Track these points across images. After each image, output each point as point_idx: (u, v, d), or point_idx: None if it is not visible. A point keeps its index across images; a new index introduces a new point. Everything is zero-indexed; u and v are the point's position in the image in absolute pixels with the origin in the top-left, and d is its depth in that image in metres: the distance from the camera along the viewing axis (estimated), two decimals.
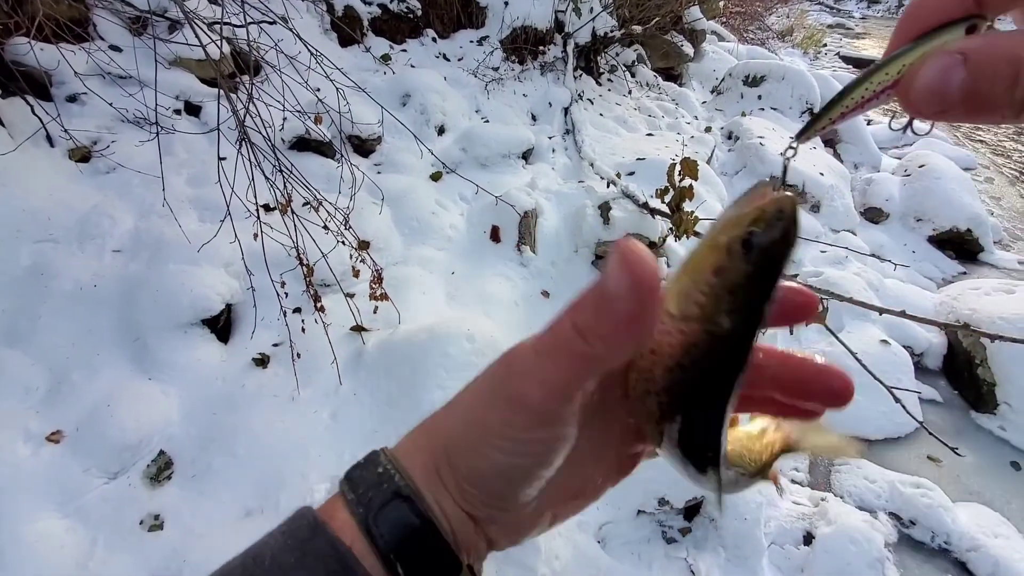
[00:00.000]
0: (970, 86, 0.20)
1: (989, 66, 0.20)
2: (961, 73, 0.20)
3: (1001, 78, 0.19)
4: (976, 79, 0.20)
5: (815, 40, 12.11)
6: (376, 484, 0.30)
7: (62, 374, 1.86)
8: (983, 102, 0.20)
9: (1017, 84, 0.19)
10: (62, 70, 2.31)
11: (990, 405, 2.91)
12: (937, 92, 0.20)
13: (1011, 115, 0.20)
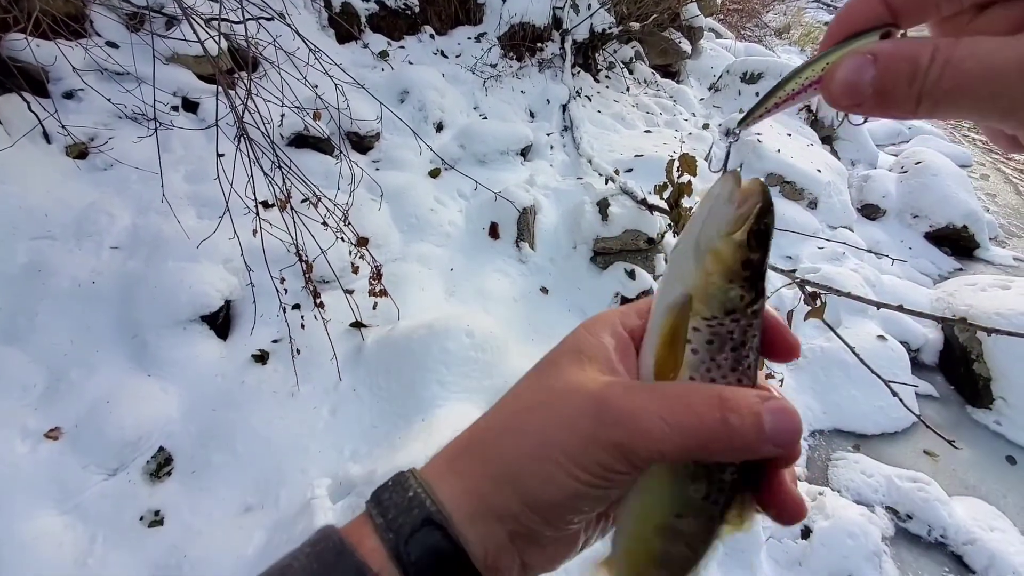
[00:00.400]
0: (878, 82, 0.23)
1: (893, 65, 0.23)
2: (871, 71, 0.23)
3: (902, 75, 0.23)
4: (883, 76, 0.23)
5: (812, 37, 12.12)
6: (407, 509, 0.30)
7: (60, 371, 1.85)
8: (888, 96, 0.23)
9: (915, 79, 0.23)
10: (59, 66, 2.30)
11: (986, 400, 2.93)
12: (852, 86, 0.24)
13: (910, 108, 0.23)
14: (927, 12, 0.26)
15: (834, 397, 2.86)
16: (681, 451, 0.29)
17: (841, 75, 0.24)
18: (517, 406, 0.33)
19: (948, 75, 0.22)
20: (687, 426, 0.28)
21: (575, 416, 0.30)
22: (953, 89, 0.22)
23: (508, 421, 0.33)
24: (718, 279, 0.31)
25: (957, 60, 0.22)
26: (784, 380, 2.88)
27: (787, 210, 4.06)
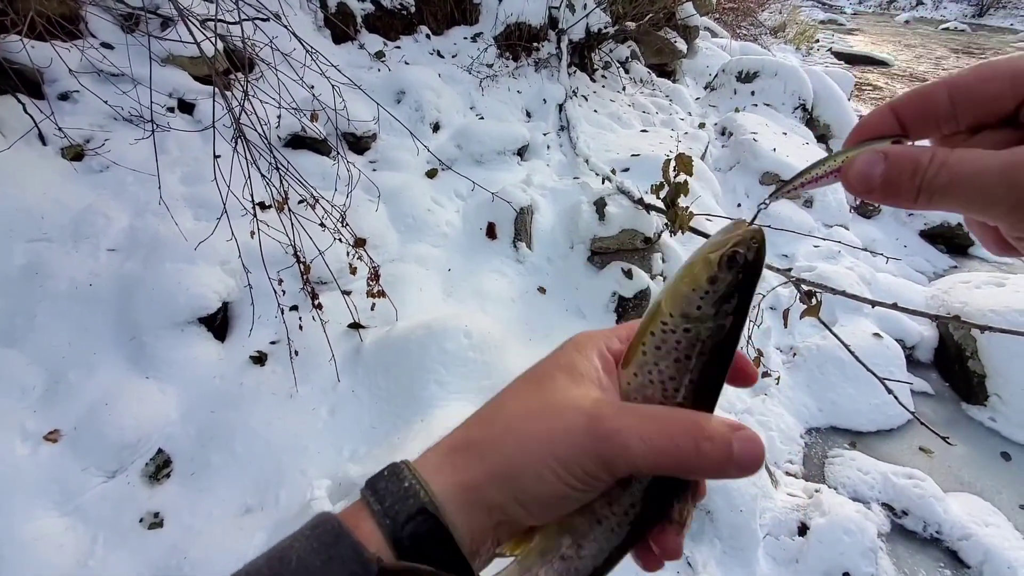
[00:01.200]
0: (886, 174, 0.30)
1: (899, 162, 0.29)
2: (881, 165, 0.30)
3: (906, 171, 0.29)
4: (890, 170, 0.29)
5: (807, 36, 12.16)
6: (402, 498, 0.33)
7: (59, 373, 1.85)
8: (893, 186, 0.29)
9: (916, 175, 0.29)
10: (54, 68, 2.29)
11: (981, 397, 2.95)
12: (865, 176, 0.30)
13: (911, 198, 0.29)
14: (931, 130, 0.32)
15: (830, 395, 2.88)
16: (654, 468, 0.33)
17: (857, 166, 0.30)
18: (518, 411, 0.36)
19: (943, 174, 0.28)
20: (661, 448, 0.32)
21: (571, 428, 0.33)
22: (947, 185, 0.28)
23: (510, 424, 0.36)
24: (684, 285, 0.35)
25: (951, 163, 0.28)
26: (781, 378, 2.90)
27: (783, 209, 4.08)
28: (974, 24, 18.78)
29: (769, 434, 2.66)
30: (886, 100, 0.33)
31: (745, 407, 2.75)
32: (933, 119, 0.32)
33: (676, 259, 3.03)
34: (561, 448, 0.33)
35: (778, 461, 2.62)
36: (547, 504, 0.34)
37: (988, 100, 0.30)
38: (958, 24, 18.09)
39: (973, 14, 20.57)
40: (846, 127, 5.51)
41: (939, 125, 0.32)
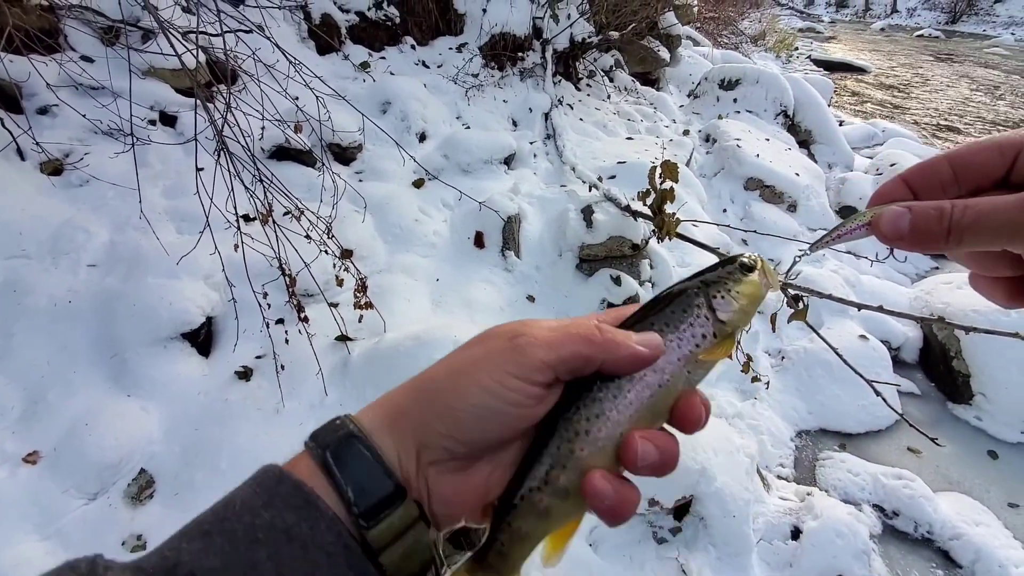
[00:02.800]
0: (913, 223, 0.35)
1: (924, 211, 0.35)
2: (908, 215, 0.35)
3: (933, 217, 0.34)
4: (916, 218, 0.35)
5: (787, 44, 12.39)
6: (332, 431, 0.37)
7: (38, 393, 1.81)
8: (922, 232, 0.35)
9: (943, 219, 0.34)
10: (32, 82, 2.26)
11: (966, 396, 2.99)
12: (895, 225, 0.35)
13: (942, 238, 0.34)
14: (936, 195, 0.37)
15: (819, 397, 2.90)
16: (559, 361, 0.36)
17: (887, 217, 0.36)
18: (450, 356, 0.40)
19: (969, 214, 0.33)
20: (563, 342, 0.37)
21: (493, 349, 0.38)
22: (974, 222, 0.33)
23: (441, 363, 0.40)
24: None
25: (973, 204, 0.33)
26: (770, 383, 2.91)
27: (767, 214, 4.12)
28: (947, 31, 19.26)
29: (760, 438, 2.67)
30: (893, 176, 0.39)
31: (735, 411, 2.76)
32: (939, 185, 0.37)
33: (664, 265, 3.05)
34: (484, 367, 0.37)
35: (769, 465, 2.62)
36: (463, 421, 0.36)
37: (982, 167, 0.36)
38: (932, 31, 18.54)
39: (946, 21, 21.11)
40: (827, 132, 5.61)
41: (944, 190, 0.37)
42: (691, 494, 2.12)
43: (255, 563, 0.31)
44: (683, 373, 0.39)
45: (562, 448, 0.37)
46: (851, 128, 7.12)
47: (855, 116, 8.37)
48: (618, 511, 0.36)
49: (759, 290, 0.40)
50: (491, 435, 0.37)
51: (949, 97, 9.86)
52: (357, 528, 0.34)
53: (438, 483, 0.37)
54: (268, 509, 0.33)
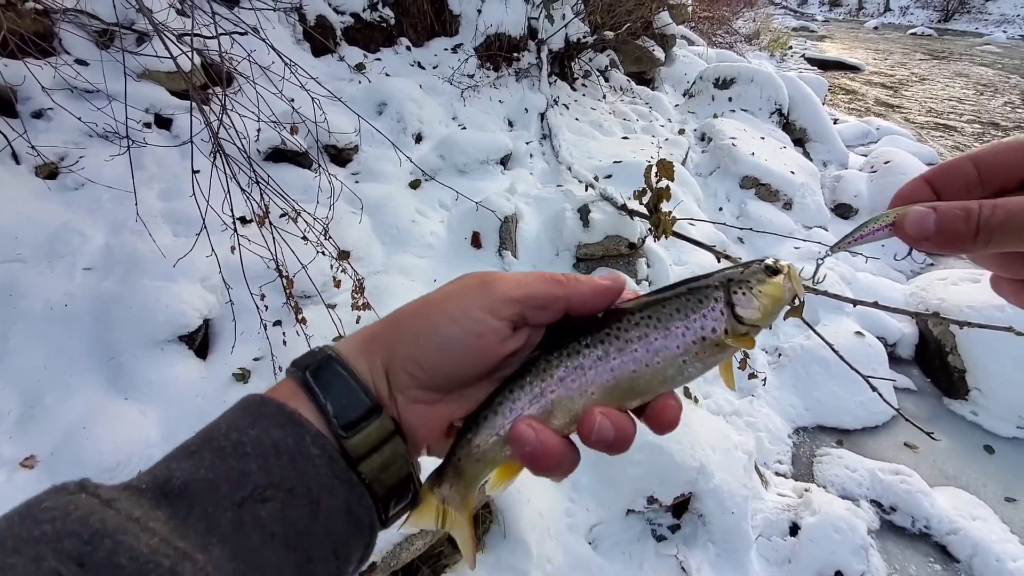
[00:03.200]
0: (939, 223, 0.34)
1: (949, 211, 0.33)
2: (933, 215, 0.34)
3: (959, 217, 0.33)
4: (942, 218, 0.34)
5: (781, 43, 12.44)
6: (311, 355, 0.39)
7: (34, 397, 1.80)
8: (948, 232, 0.33)
9: (970, 219, 0.33)
10: (27, 86, 2.25)
11: (961, 391, 3.00)
12: (920, 225, 0.34)
13: (970, 238, 0.33)
14: (960, 196, 0.36)
15: (816, 394, 2.91)
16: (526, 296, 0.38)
17: (911, 217, 0.35)
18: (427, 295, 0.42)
19: (999, 214, 0.32)
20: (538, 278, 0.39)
21: (466, 285, 0.39)
22: (1005, 221, 0.32)
23: (417, 300, 0.41)
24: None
25: (1003, 204, 0.33)
26: (767, 379, 2.92)
27: (763, 211, 4.13)
28: (940, 29, 19.36)
29: (757, 435, 2.68)
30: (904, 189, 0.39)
31: (733, 409, 2.77)
32: (963, 186, 0.36)
33: (660, 264, 3.05)
34: (453, 300, 0.38)
35: (767, 461, 2.63)
36: (432, 350, 0.38)
37: (1007, 167, 0.35)
38: (925, 29, 18.64)
39: (939, 19, 21.22)
40: (822, 130, 5.64)
41: (968, 191, 0.36)
42: (690, 491, 2.13)
43: (247, 472, 0.32)
44: (678, 361, 0.38)
45: (535, 385, 0.38)
46: (845, 126, 7.15)
47: (849, 114, 8.40)
48: (538, 460, 0.36)
49: (783, 293, 0.40)
50: (452, 366, 0.38)
51: (943, 95, 9.91)
52: (338, 441, 0.35)
53: (406, 410, 0.39)
54: (254, 427, 0.34)
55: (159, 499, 0.30)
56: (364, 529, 0.36)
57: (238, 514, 0.31)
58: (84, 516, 0.27)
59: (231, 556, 0.30)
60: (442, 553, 1.82)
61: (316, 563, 0.33)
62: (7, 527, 0.27)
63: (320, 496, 0.33)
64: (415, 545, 1.61)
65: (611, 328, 0.38)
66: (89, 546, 0.26)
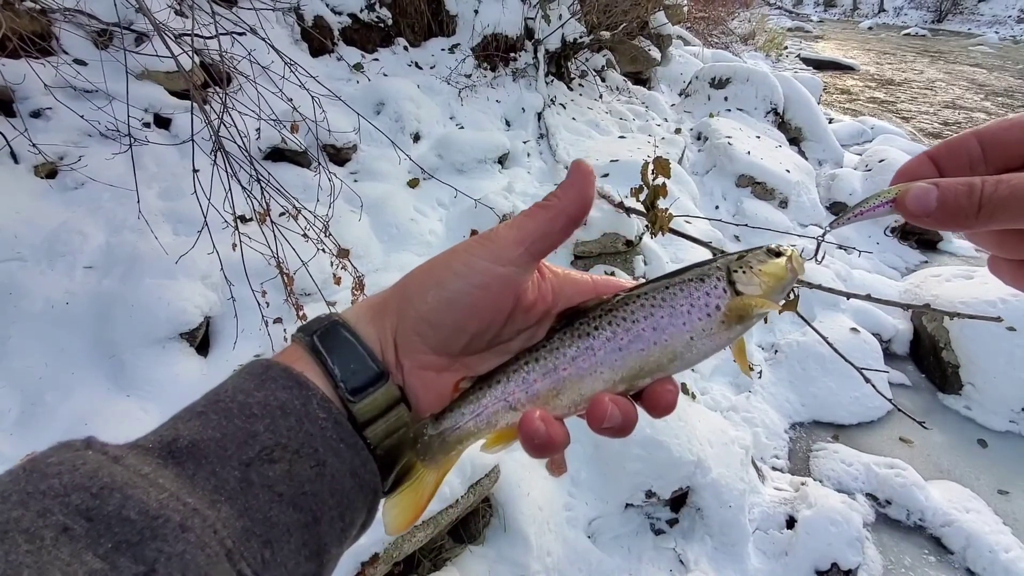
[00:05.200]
0: (941, 198, 0.33)
1: (952, 186, 0.33)
2: (935, 191, 0.33)
3: (962, 193, 0.33)
4: (945, 194, 0.33)
5: (776, 43, 12.49)
6: (319, 321, 0.39)
7: (35, 395, 1.80)
8: (951, 207, 0.33)
9: (972, 194, 0.32)
10: (25, 85, 2.25)
11: (955, 386, 3.04)
12: (922, 201, 0.34)
13: (972, 213, 0.32)
14: (964, 173, 0.36)
15: (812, 389, 2.94)
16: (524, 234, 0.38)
17: (913, 192, 0.34)
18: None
19: (1002, 188, 0.32)
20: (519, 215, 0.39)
21: (469, 239, 0.40)
22: (1008, 196, 0.32)
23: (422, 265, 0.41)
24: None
25: (1007, 179, 0.32)
26: (763, 373, 2.95)
27: (759, 210, 4.16)
28: (933, 29, 19.48)
29: (754, 430, 2.70)
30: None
31: (730, 404, 2.79)
32: (966, 163, 0.36)
33: (657, 261, 3.08)
34: (457, 256, 0.39)
35: (764, 456, 2.66)
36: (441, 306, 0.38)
37: (1012, 144, 0.35)
38: (919, 29, 18.76)
39: (933, 20, 21.35)
40: (817, 129, 5.68)
41: (972, 168, 0.36)
42: (687, 485, 2.15)
43: (254, 433, 0.32)
44: (685, 337, 0.39)
45: (548, 361, 0.39)
46: (840, 125, 7.20)
47: (844, 113, 8.46)
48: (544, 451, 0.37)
49: (784, 272, 0.40)
50: (463, 320, 0.38)
51: (937, 94, 9.98)
52: (344, 405, 0.36)
53: (412, 377, 0.39)
54: (260, 390, 0.34)
55: (166, 458, 0.31)
56: (368, 492, 0.36)
57: (246, 473, 0.31)
58: (92, 471, 0.27)
59: (239, 514, 0.30)
60: (443, 546, 1.84)
61: (322, 524, 0.33)
62: (11, 481, 0.27)
63: (327, 458, 0.34)
64: (416, 537, 1.63)
65: (620, 310, 0.40)
66: (97, 500, 0.26)
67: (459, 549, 1.85)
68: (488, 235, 0.39)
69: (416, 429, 0.39)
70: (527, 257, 0.38)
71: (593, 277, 0.45)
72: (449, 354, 0.40)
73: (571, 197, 0.39)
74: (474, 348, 0.40)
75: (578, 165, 0.40)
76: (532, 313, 0.41)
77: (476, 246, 0.39)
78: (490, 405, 0.39)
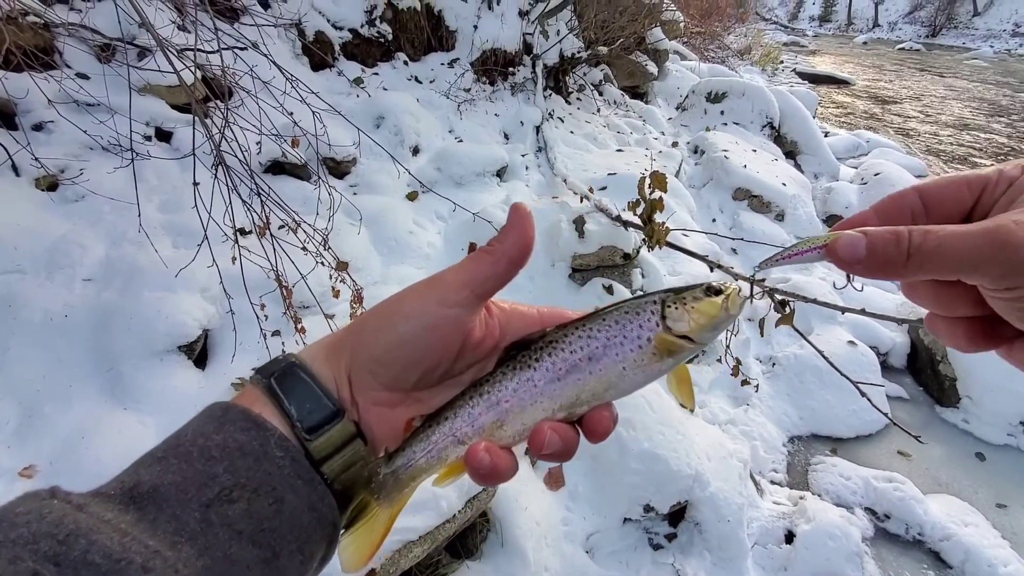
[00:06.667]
0: (870, 247, 0.33)
1: (880, 236, 0.33)
2: (864, 239, 0.34)
3: (890, 241, 0.33)
4: (873, 242, 0.33)
5: (772, 58, 12.64)
6: (275, 363, 0.41)
7: (33, 407, 1.80)
8: (879, 256, 0.33)
9: (900, 243, 0.32)
10: (28, 99, 2.28)
11: (953, 399, 3.04)
12: (851, 248, 0.34)
13: (902, 262, 0.33)
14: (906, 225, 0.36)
15: (810, 403, 2.94)
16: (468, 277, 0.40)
17: (843, 239, 0.34)
18: None
19: (931, 239, 0.32)
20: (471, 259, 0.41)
21: (416, 288, 0.42)
22: (936, 249, 0.32)
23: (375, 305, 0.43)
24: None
25: (935, 230, 0.32)
26: (760, 387, 2.95)
27: (755, 223, 4.19)
28: (928, 44, 19.73)
29: (752, 443, 2.70)
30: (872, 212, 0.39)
31: (728, 418, 2.79)
32: (910, 218, 0.37)
33: (655, 274, 3.09)
34: (407, 299, 0.41)
35: (763, 470, 2.65)
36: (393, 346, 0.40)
37: (950, 199, 0.36)
38: (913, 44, 19.00)
39: (927, 34, 21.64)
40: (812, 143, 5.73)
41: (914, 222, 0.36)
42: (686, 499, 2.14)
43: (214, 475, 0.34)
44: (618, 368, 0.40)
45: (491, 395, 0.41)
46: (836, 139, 7.26)
47: (840, 127, 8.53)
48: (490, 480, 0.39)
49: (718, 312, 0.40)
50: (413, 360, 0.40)
51: (932, 108, 10.08)
52: (301, 444, 0.37)
53: (367, 413, 0.41)
54: (219, 433, 0.36)
55: (128, 503, 0.32)
56: (327, 525, 0.37)
57: (206, 514, 0.32)
58: (58, 519, 0.28)
59: (200, 553, 0.31)
60: (440, 562, 1.82)
61: (282, 558, 0.34)
62: None
63: (285, 495, 0.35)
64: (413, 552, 1.62)
65: (560, 341, 0.41)
66: (64, 546, 0.27)
67: (456, 564, 1.84)
68: (436, 279, 0.41)
69: (370, 469, 0.40)
70: (473, 299, 0.40)
71: (540, 310, 0.46)
72: (402, 390, 0.42)
73: (512, 240, 0.42)
74: (426, 383, 0.42)
75: (517, 209, 0.43)
76: (481, 348, 0.43)
77: (425, 289, 0.41)
78: (440, 441, 0.41)
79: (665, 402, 2.28)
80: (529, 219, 0.42)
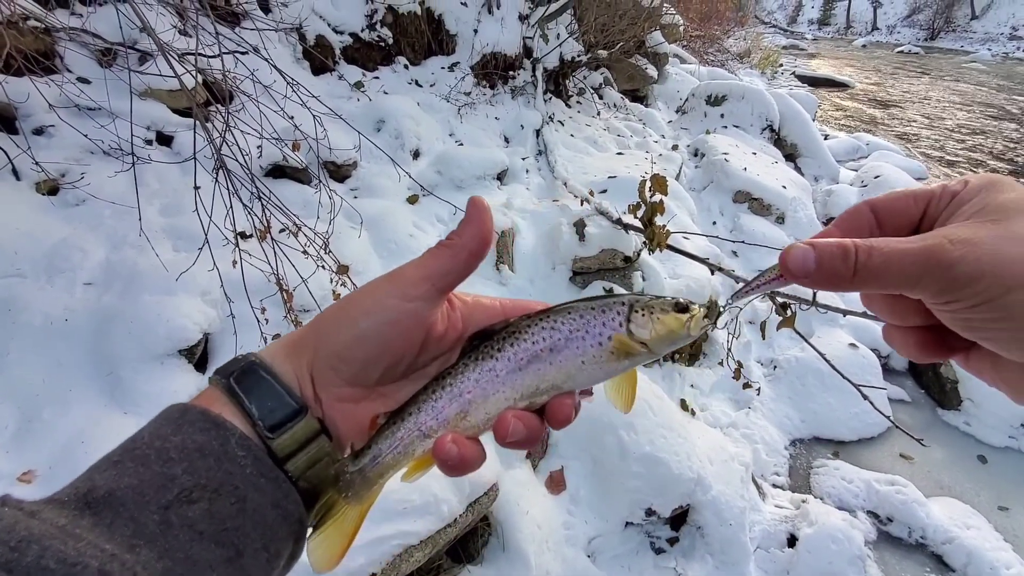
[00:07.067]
0: (818, 259, 0.34)
1: (827, 248, 0.34)
2: (812, 252, 0.34)
3: (837, 255, 0.33)
4: (821, 255, 0.34)
5: (772, 61, 12.67)
6: (235, 362, 0.40)
7: (32, 411, 1.80)
8: (828, 269, 0.34)
9: (847, 258, 0.33)
10: (28, 103, 2.28)
11: (955, 402, 3.03)
12: (800, 261, 0.34)
13: (849, 277, 0.33)
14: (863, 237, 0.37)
15: (811, 405, 2.93)
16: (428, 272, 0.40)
17: (792, 253, 0.35)
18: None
19: (876, 255, 0.33)
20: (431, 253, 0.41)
21: (375, 285, 0.41)
22: (880, 266, 0.33)
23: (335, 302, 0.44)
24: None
25: (879, 246, 0.33)
26: (763, 391, 2.95)
27: (756, 225, 4.19)
28: (927, 47, 19.79)
29: (754, 447, 2.69)
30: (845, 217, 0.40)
31: (730, 421, 2.79)
32: (867, 230, 0.38)
33: (655, 276, 3.09)
34: (367, 294, 0.41)
35: (765, 473, 2.64)
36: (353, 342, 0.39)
37: (898, 212, 0.38)
38: (912, 47, 19.05)
39: (925, 38, 21.71)
40: (812, 146, 5.74)
41: (871, 235, 0.38)
42: (688, 503, 2.14)
43: (172, 476, 0.33)
44: (577, 361, 0.41)
45: (453, 387, 0.41)
46: (836, 142, 7.27)
47: (839, 130, 8.55)
48: (458, 470, 0.39)
49: (680, 328, 0.41)
50: (375, 355, 0.40)
51: (931, 111, 10.10)
52: (264, 442, 0.37)
53: (331, 409, 0.41)
54: (177, 434, 0.35)
55: (83, 508, 0.31)
56: (293, 523, 0.37)
57: (165, 516, 0.32)
58: (9, 525, 0.28)
59: (160, 555, 0.31)
60: (441, 566, 1.82)
61: (246, 556, 0.34)
62: None
63: (247, 493, 0.35)
64: (414, 557, 1.61)
65: (523, 332, 0.42)
66: (16, 552, 0.27)
67: (458, 569, 1.83)
68: (395, 273, 0.41)
69: (336, 468, 0.40)
70: (433, 292, 0.41)
71: (502, 302, 0.46)
72: (365, 385, 0.42)
73: (470, 233, 0.41)
74: (390, 377, 0.42)
75: (475, 202, 0.42)
76: (444, 341, 0.43)
77: (385, 284, 0.41)
78: (406, 436, 0.41)
79: (666, 405, 2.28)
80: (487, 212, 0.42)
